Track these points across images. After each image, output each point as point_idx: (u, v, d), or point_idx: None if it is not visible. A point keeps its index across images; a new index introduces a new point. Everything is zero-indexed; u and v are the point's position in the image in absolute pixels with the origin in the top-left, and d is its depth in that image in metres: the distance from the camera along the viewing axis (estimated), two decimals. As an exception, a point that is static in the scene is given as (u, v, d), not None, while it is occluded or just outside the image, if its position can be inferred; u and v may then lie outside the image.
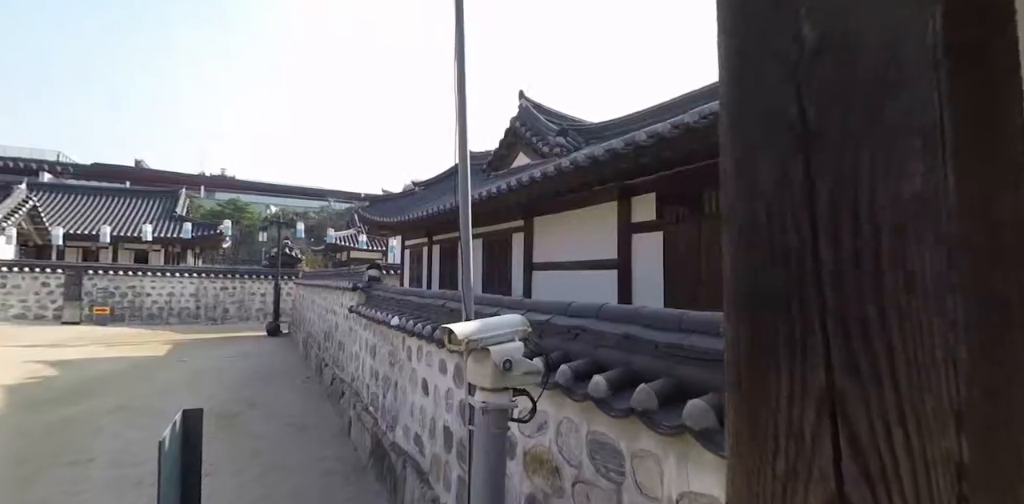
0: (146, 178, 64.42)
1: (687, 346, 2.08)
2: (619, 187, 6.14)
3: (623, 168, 5.18)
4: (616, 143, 4.71)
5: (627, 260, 6.18)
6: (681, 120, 4.02)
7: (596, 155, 4.93)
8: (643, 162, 4.89)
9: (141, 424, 7.81)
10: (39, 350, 13.44)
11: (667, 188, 5.70)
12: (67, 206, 27.96)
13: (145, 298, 20.01)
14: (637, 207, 6.16)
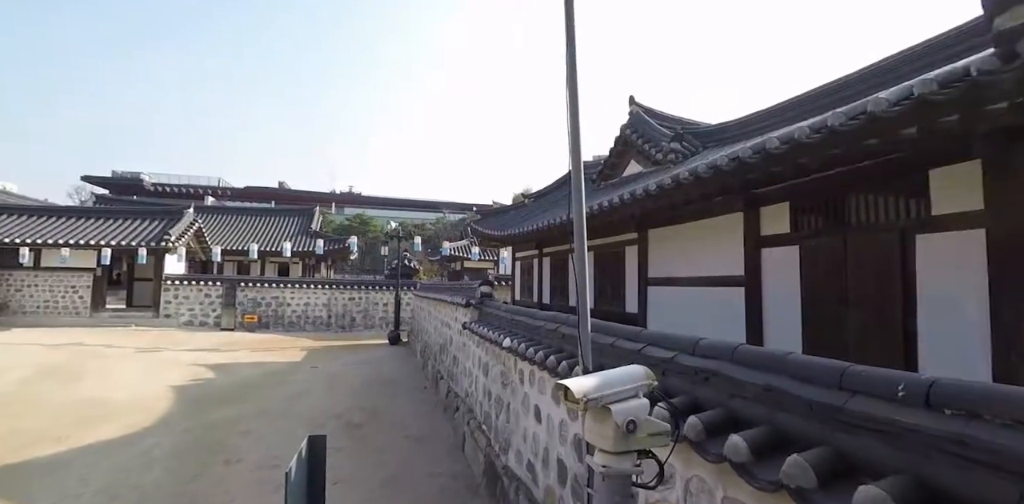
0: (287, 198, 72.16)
1: (851, 411, 1.70)
2: (745, 197, 5.58)
3: (751, 177, 4.68)
4: (742, 151, 4.25)
5: (756, 277, 5.59)
6: (823, 122, 3.50)
7: (719, 165, 4.49)
8: (775, 170, 4.37)
9: (280, 427, 8.51)
10: (200, 354, 15.35)
11: (803, 196, 5.07)
12: (224, 225, 31.99)
13: (286, 307, 22.21)
14: (767, 218, 5.55)
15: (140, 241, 21.12)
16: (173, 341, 17.69)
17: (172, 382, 11.49)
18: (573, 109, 2.02)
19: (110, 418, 8.79)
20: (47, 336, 17.53)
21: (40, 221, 22.44)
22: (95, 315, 21.31)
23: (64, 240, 20.65)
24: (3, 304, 20.67)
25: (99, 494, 5.88)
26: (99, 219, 23.11)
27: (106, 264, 20.73)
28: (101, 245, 20.52)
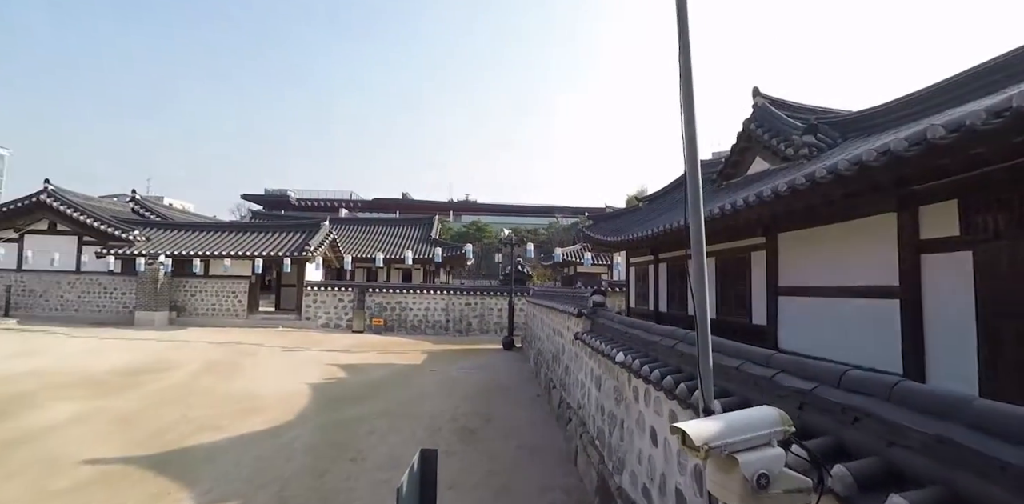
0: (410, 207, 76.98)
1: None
2: (900, 194, 4.82)
3: (907, 173, 4.01)
4: (895, 143, 3.63)
5: (914, 288, 4.78)
6: (1006, 104, 2.87)
7: (865, 161, 3.89)
8: (939, 164, 3.69)
9: (401, 428, 8.93)
10: (334, 354, 16.72)
11: (978, 192, 4.24)
12: (355, 235, 34.78)
13: (408, 312, 23.55)
14: (927, 219, 4.74)
15: (286, 251, 23.63)
16: (312, 341, 19.49)
17: (310, 380, 12.60)
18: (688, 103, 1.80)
19: (259, 411, 9.82)
20: (212, 335, 20.19)
21: (209, 235, 26.01)
22: (250, 317, 24.18)
23: (227, 251, 23.72)
24: (181, 307, 24.21)
25: (248, 482, 6.53)
26: (254, 233, 26.25)
27: (259, 272, 23.43)
28: (255, 255, 23.27)
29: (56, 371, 12.85)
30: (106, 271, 24.47)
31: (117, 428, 8.61)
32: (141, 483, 6.44)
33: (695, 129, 1.73)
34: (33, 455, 7.29)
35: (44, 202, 24.55)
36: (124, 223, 25.53)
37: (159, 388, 11.49)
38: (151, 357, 15.17)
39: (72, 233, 25.19)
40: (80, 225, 24.61)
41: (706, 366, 1.68)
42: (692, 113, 1.73)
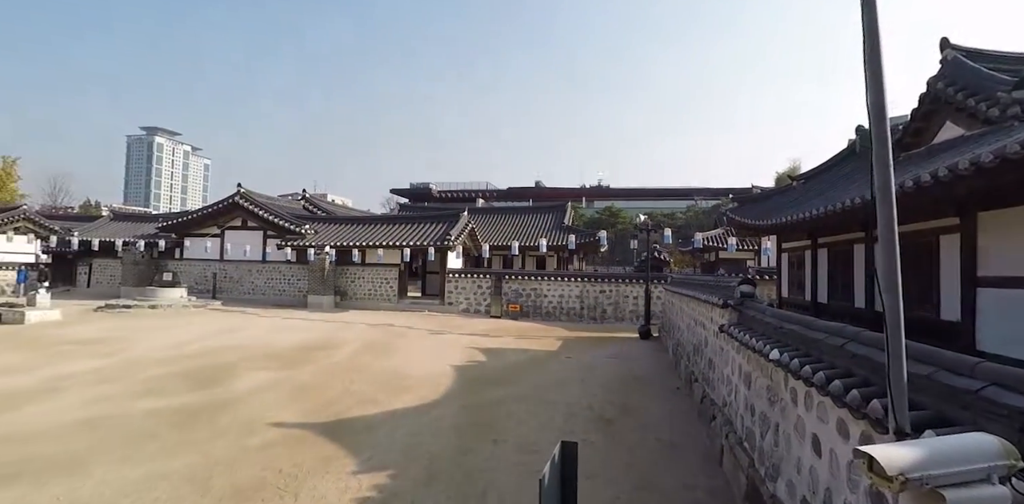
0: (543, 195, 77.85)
1: None
2: None
3: None
4: None
5: None
6: None
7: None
8: None
9: (538, 413, 9.10)
10: (474, 338, 17.58)
11: None
12: (491, 224, 36.10)
13: (543, 298, 23.95)
14: None
15: (429, 241, 25.30)
16: (454, 325, 20.70)
17: (453, 362, 13.38)
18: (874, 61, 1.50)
19: (409, 389, 10.65)
20: (369, 317, 22.36)
21: (365, 227, 28.77)
22: (400, 301, 26.37)
23: (380, 242, 26.07)
24: (344, 291, 27.16)
25: (402, 454, 7.12)
26: (402, 224, 28.48)
27: (407, 260, 25.43)
28: (403, 245, 25.27)
29: (250, 346, 15.17)
30: (284, 260, 28.28)
31: (295, 397, 9.92)
32: (314, 447, 7.34)
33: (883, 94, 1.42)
34: (235, 417, 8.67)
35: (238, 203, 28.99)
36: (297, 219, 29.21)
37: (327, 364, 13.00)
38: (320, 336, 17.24)
39: (259, 228, 29.44)
40: (265, 221, 28.67)
41: (899, 377, 1.39)
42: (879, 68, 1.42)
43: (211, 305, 25.31)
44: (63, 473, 6.36)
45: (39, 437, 7.57)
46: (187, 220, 30.89)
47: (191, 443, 7.44)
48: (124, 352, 13.94)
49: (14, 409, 8.82)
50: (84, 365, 12.24)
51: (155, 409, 8.99)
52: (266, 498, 5.78)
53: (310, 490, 5.97)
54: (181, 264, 30.49)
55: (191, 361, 12.91)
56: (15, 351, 13.74)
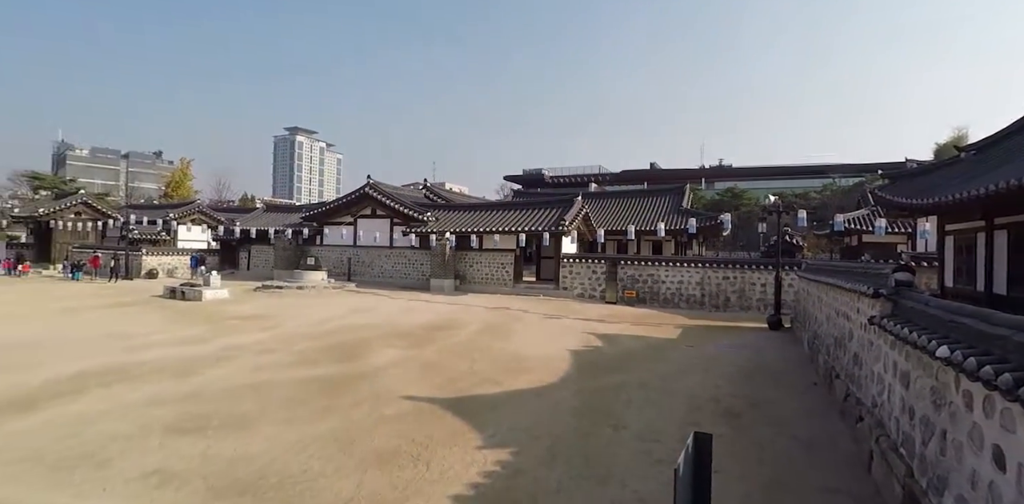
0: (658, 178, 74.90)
1: None
2: None
3: None
4: None
5: None
6: None
7: None
8: None
9: (658, 402, 8.89)
10: (589, 323, 17.52)
11: None
12: (605, 209, 35.51)
13: (660, 284, 23.16)
14: None
15: (544, 226, 25.53)
16: (569, 310, 20.79)
17: (569, 346, 13.47)
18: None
19: (527, 371, 10.93)
20: (486, 300, 23.19)
21: (481, 214, 29.74)
22: (515, 286, 27.00)
23: (496, 228, 26.80)
24: (463, 275, 28.40)
25: (524, 432, 7.34)
26: (516, 210, 29.03)
27: (522, 246, 25.92)
28: (518, 231, 25.75)
29: (381, 324, 16.47)
30: (409, 246, 30.16)
31: (423, 373, 10.61)
32: (442, 420, 7.82)
33: None
34: (371, 388, 9.50)
35: (368, 193, 31.35)
36: (420, 206, 30.93)
37: (450, 343, 13.73)
38: (443, 317, 18.22)
39: (386, 216, 31.64)
40: (391, 210, 30.74)
41: None
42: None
43: (347, 287, 27.81)
44: (237, 428, 7.42)
45: (216, 397, 8.88)
46: (325, 210, 34.05)
47: (336, 409, 8.29)
48: (279, 327, 15.83)
49: (199, 373, 10.42)
50: (248, 338, 14.10)
51: (306, 378, 10.13)
52: (401, 464, 6.28)
53: (440, 460, 6.38)
54: (321, 249, 33.77)
55: (332, 337, 14.33)
56: (197, 324, 16.19)
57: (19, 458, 6.35)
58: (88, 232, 41.18)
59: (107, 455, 6.46)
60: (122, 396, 8.82)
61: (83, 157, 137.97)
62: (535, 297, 24.95)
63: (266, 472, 6.04)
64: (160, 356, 11.72)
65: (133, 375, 10.09)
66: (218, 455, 6.50)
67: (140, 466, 6.16)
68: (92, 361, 11.10)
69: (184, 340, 13.65)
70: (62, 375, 9.97)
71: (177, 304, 21.11)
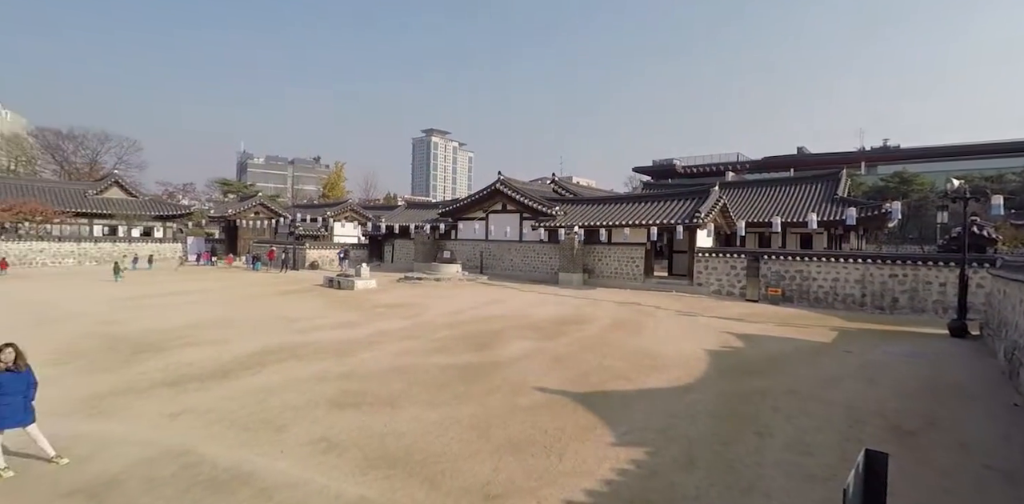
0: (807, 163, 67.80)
1: None
2: None
3: None
4: None
5: None
6: None
7: None
8: None
9: (811, 411, 8.06)
10: (728, 322, 16.40)
11: None
12: (744, 199, 32.98)
13: (811, 282, 20.91)
14: None
15: (677, 219, 24.40)
16: (704, 307, 19.68)
17: (706, 345, 12.75)
18: None
19: (660, 369, 10.54)
20: (615, 295, 22.78)
21: (610, 207, 29.24)
22: (646, 281, 26.18)
23: (625, 221, 26.19)
24: (591, 270, 28.19)
25: (658, 433, 7.10)
26: (647, 202, 28.08)
27: (653, 239, 25.01)
28: (649, 224, 24.90)
29: (513, 316, 16.95)
30: (538, 240, 30.61)
31: (554, 366, 10.72)
32: (574, 414, 7.84)
33: None
34: (504, 378, 9.82)
35: (498, 189, 32.36)
36: (548, 201, 31.24)
37: (580, 337, 13.71)
38: (571, 311, 18.26)
39: (515, 211, 32.43)
40: (520, 205, 31.44)
41: None
42: None
43: (479, 279, 29.04)
44: (387, 406, 8.10)
45: (368, 377, 9.78)
46: (459, 206, 35.81)
47: (473, 396, 8.70)
48: (420, 316, 17.01)
49: (352, 354, 11.55)
50: (394, 324, 15.33)
51: (445, 364, 10.77)
52: (535, 453, 6.41)
53: (572, 453, 6.41)
54: (456, 243, 35.64)
55: (467, 326, 15.06)
56: (350, 311, 17.98)
57: (216, 419, 7.55)
58: (264, 229, 47.73)
59: (283, 422, 7.43)
60: (293, 372, 10.09)
61: (259, 164, 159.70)
62: (667, 293, 23.99)
63: (412, 449, 6.52)
64: (321, 338, 13.21)
65: (301, 354, 11.49)
66: (371, 429, 7.16)
67: (309, 433, 7.00)
68: (269, 340, 12.84)
69: (340, 324, 15.24)
70: (246, 351, 11.67)
71: (334, 292, 23.64)
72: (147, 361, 10.74)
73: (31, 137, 67.88)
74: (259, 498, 5.27)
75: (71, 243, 38.48)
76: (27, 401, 6.01)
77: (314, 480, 5.66)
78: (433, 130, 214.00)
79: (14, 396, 5.86)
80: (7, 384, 5.84)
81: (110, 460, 6.15)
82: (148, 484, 5.57)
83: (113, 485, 5.54)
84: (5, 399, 5.79)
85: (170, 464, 6.05)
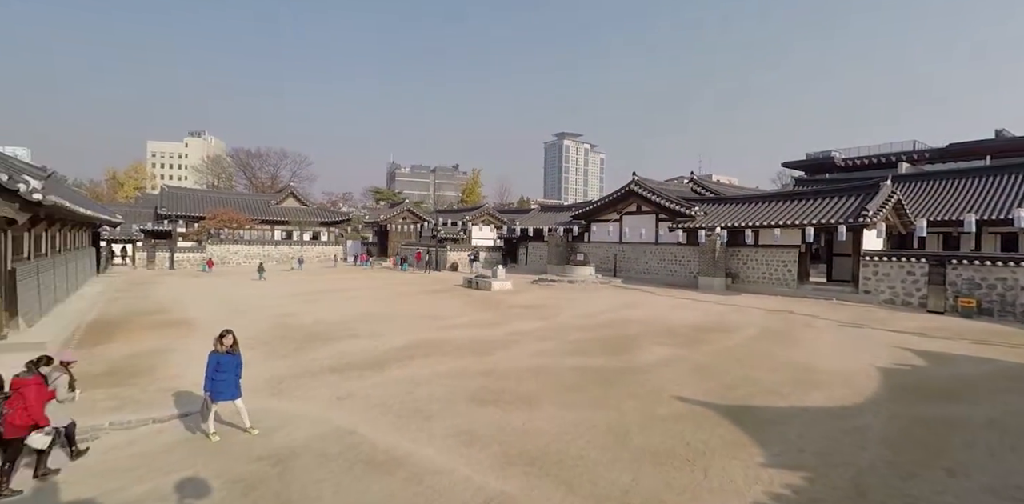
0: (1010, 149, 56.48)
1: None
2: None
3: None
4: None
5: None
6: None
7: None
8: None
9: (1022, 450, 6.69)
10: (903, 336, 14.19)
11: None
12: (924, 193, 28.47)
13: (1017, 292, 17.34)
14: None
15: (838, 218, 21.80)
16: (873, 319, 17.31)
17: (876, 362, 11.21)
18: None
19: (819, 386, 9.47)
20: (763, 302, 20.96)
21: (756, 206, 27.03)
22: (800, 287, 23.74)
23: (775, 221, 24.02)
24: (735, 274, 26.29)
25: (818, 457, 6.37)
26: (800, 200, 25.49)
27: (809, 241, 22.60)
28: (804, 224, 22.55)
29: (649, 321, 16.40)
30: (675, 242, 29.34)
31: (695, 375, 10.16)
32: (719, 428, 7.34)
33: None
34: (641, 384, 9.52)
35: (633, 190, 31.60)
36: (686, 201, 29.78)
37: (724, 346, 12.83)
38: (713, 318, 17.17)
39: (651, 212, 31.40)
40: (656, 206, 30.37)
41: None
42: None
43: (613, 282, 28.56)
44: (524, 405, 8.28)
45: (506, 375, 10.08)
46: (592, 208, 35.58)
47: (609, 400, 8.55)
48: (553, 317, 17.19)
49: (490, 353, 12.00)
50: (529, 325, 15.66)
51: (580, 366, 10.74)
52: (677, 466, 6.11)
53: (719, 470, 6.00)
54: (589, 246, 35.45)
55: (602, 330, 14.88)
56: (488, 311, 18.72)
57: (373, 405, 8.30)
58: (410, 232, 51.71)
59: (430, 412, 7.95)
60: (437, 366, 10.75)
61: (405, 173, 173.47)
62: (825, 301, 21.53)
63: (549, 449, 6.59)
64: (462, 336, 13.93)
65: (444, 350, 12.21)
66: (510, 426, 7.37)
67: (453, 425, 7.40)
68: (415, 336, 13.84)
69: (478, 323, 15.94)
70: (396, 345, 12.69)
71: (472, 292, 24.82)
72: (316, 349, 12.18)
73: (228, 157, 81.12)
74: (412, 481, 5.69)
75: (257, 246, 45.09)
76: (237, 379, 7.14)
77: (458, 470, 5.97)
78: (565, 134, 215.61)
79: (229, 374, 7.00)
80: (225, 364, 7.00)
81: (290, 433, 7.06)
82: (320, 458, 6.30)
83: (293, 456, 6.36)
84: (222, 376, 6.94)
85: (337, 442, 6.79)
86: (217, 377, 6.94)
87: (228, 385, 6.99)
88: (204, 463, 6.17)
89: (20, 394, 5.73)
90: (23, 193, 9.92)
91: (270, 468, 6.03)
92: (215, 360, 7.01)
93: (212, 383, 6.95)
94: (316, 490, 5.49)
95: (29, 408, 5.68)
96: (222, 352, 7.06)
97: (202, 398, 7.19)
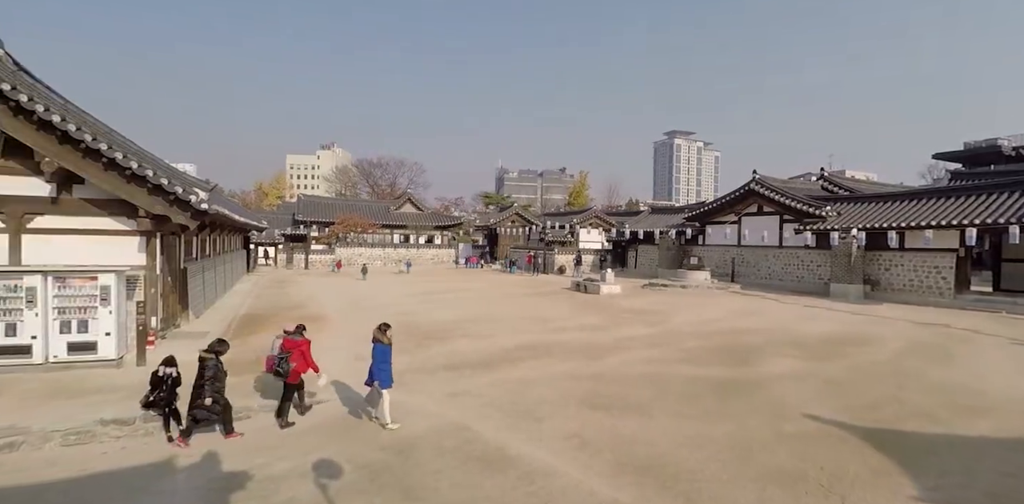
0: None
1: None
2: None
3: None
4: None
5: None
6: None
7: None
8: None
9: None
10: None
11: None
12: None
13: None
14: None
15: (1009, 217, 18.68)
16: (1058, 336, 14.60)
17: (1064, 388, 9.44)
18: None
19: (983, 412, 8.19)
20: (912, 313, 18.53)
21: (901, 205, 24.00)
22: (958, 297, 20.66)
23: (925, 221, 21.15)
24: (875, 281, 23.53)
25: (989, 496, 5.50)
26: (957, 197, 22.19)
27: (969, 244, 19.65)
28: (964, 224, 19.62)
29: (772, 330, 15.21)
30: (803, 245, 26.91)
31: (827, 392, 9.23)
32: (858, 452, 6.59)
33: None
34: (765, 398, 8.84)
35: (753, 189, 29.53)
36: (815, 200, 27.23)
37: (862, 362, 11.54)
38: (849, 329, 15.51)
39: (775, 213, 29.12)
40: (780, 206, 28.11)
41: None
42: None
43: (731, 288, 26.89)
44: (634, 413, 8.06)
45: (616, 381, 9.88)
46: (707, 210, 33.77)
47: (729, 414, 8.05)
48: (665, 323, 16.56)
49: (599, 357, 11.84)
50: (639, 330, 15.23)
51: (695, 376, 10.23)
52: (809, 491, 5.59)
53: (858, 500, 5.38)
54: (703, 249, 33.69)
55: (718, 338, 14.06)
56: (596, 314, 18.50)
57: (485, 403, 8.54)
58: (519, 235, 52.61)
59: (540, 414, 8.01)
60: (547, 368, 10.82)
61: (513, 178, 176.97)
62: (992, 314, 18.54)
63: (663, 460, 6.34)
64: (570, 339, 13.89)
65: (553, 353, 12.25)
66: (622, 433, 7.21)
67: (563, 428, 7.40)
68: (525, 337, 14.03)
69: (587, 327, 15.80)
70: (507, 346, 12.95)
71: (580, 296, 24.67)
72: (433, 347, 12.80)
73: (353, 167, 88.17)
74: (524, 480, 5.77)
75: (379, 248, 48.51)
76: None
77: (569, 474, 5.94)
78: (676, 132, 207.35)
79: (386, 364, 7.54)
80: (382, 354, 7.56)
81: (411, 425, 7.48)
82: (437, 451, 6.61)
83: (413, 447, 6.73)
84: (383, 366, 7.50)
85: (453, 437, 7.08)
86: (383, 367, 7.46)
87: (386, 374, 7.45)
88: (337, 448, 6.73)
89: (300, 351, 7.72)
90: (194, 203, 11.50)
91: (393, 457, 6.43)
92: (381, 350, 7.54)
93: (381, 373, 7.45)
94: (434, 481, 5.76)
95: (308, 359, 7.78)
96: (386, 343, 7.62)
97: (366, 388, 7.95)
